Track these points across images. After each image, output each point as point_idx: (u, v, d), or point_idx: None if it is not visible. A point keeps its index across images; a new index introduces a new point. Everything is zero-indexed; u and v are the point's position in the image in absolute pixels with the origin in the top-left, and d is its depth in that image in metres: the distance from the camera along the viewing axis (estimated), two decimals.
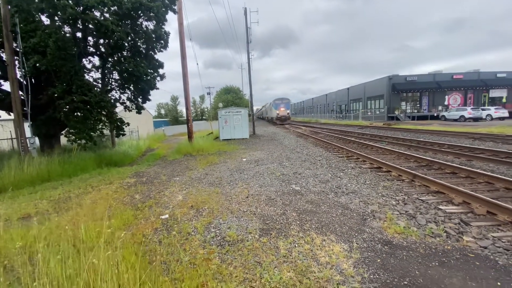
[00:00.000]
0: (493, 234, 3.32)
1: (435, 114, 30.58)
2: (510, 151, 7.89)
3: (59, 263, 2.43)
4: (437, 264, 2.71)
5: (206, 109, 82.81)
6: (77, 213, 4.45)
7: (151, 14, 10.98)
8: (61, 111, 10.11)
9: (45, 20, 10.57)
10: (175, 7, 12.05)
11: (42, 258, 2.44)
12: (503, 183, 5.04)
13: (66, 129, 11.15)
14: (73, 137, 10.25)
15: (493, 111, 25.27)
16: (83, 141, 10.71)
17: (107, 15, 10.20)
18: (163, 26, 12.04)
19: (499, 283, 2.37)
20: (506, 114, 25.08)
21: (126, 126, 12.82)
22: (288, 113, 32.98)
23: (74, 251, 2.81)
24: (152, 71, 12.56)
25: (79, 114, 10.55)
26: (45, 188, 6.95)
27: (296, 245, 3.20)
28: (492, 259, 2.79)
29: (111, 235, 3.18)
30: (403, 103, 33.97)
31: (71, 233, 3.30)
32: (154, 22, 11.62)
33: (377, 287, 2.38)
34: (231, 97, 61.82)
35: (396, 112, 31.84)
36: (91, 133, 10.70)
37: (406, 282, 2.42)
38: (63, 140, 12.26)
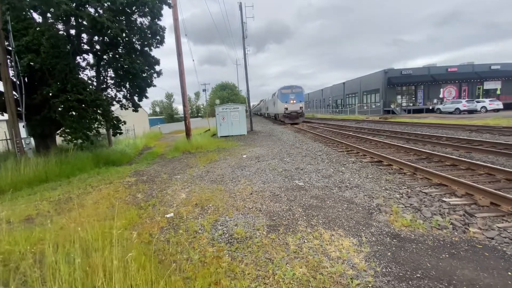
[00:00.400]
0: (498, 224, 3.36)
1: (430, 107, 30.88)
2: (508, 143, 7.99)
3: (68, 265, 2.39)
4: (447, 256, 2.73)
5: (201, 106, 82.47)
6: (80, 214, 4.38)
7: (146, 9, 10.78)
8: (56, 111, 9.92)
9: (37, 17, 10.32)
10: (170, 1, 11.82)
11: (49, 261, 2.39)
12: (504, 174, 5.10)
13: (61, 129, 10.96)
14: (69, 136, 10.07)
15: (488, 103, 25.59)
16: (80, 141, 10.54)
17: (101, 11, 9.98)
18: (158, 22, 11.83)
19: (509, 273, 2.40)
20: (501, 106, 25.40)
21: (122, 125, 12.67)
22: (301, 108, 23.51)
23: (81, 253, 2.76)
24: (148, 68, 12.37)
25: (74, 113, 10.36)
26: (44, 189, 6.83)
27: (306, 241, 3.19)
28: (500, 249, 2.82)
29: (118, 235, 3.14)
30: (399, 97, 34.15)
31: (76, 235, 3.24)
32: (149, 17, 11.40)
33: (391, 281, 2.38)
34: (226, 94, 61.72)
35: (392, 106, 32.00)
36: (88, 133, 10.52)
37: (419, 275, 2.44)
38: (59, 140, 12.06)
